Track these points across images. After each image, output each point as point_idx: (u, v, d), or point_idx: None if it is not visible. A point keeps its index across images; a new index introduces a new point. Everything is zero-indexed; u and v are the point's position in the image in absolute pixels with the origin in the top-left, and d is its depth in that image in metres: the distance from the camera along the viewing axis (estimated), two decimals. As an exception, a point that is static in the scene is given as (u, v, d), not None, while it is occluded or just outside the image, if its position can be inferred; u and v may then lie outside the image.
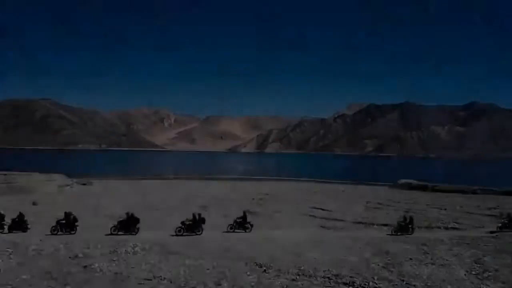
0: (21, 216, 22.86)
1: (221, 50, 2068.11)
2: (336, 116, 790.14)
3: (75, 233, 22.46)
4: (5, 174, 53.41)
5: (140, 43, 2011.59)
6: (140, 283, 13.79)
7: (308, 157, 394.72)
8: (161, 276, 14.36)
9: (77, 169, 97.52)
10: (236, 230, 24.87)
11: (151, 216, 29.43)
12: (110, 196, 47.38)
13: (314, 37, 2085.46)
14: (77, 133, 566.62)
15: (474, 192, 53.72)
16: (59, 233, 22.20)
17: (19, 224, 22.60)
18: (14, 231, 22.37)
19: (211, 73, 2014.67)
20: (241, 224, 25.18)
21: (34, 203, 33.41)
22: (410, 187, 67.08)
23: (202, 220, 23.73)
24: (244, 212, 26.12)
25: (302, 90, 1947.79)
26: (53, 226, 22.50)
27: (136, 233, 22.68)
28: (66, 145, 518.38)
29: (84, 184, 64.51)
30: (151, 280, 14.07)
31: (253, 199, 44.25)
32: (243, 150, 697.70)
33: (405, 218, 25.67)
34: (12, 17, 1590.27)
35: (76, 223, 22.83)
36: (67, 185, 58.56)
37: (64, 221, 22.50)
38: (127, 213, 23.41)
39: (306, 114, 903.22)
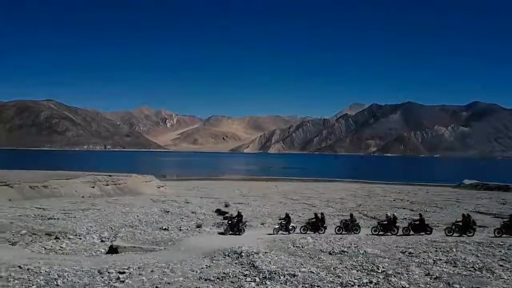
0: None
1: (222, 50, 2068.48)
2: (338, 116, 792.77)
3: (323, 232, 23.35)
4: (110, 175, 54.09)
5: (141, 43, 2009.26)
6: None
7: (321, 158, 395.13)
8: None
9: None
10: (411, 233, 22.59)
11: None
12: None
13: (315, 37, 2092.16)
14: (81, 134, 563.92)
15: None
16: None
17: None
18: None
19: (212, 73, 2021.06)
20: (420, 226, 23.22)
21: (225, 206, 33.65)
22: (487, 187, 68.07)
23: (395, 220, 23.41)
24: (421, 215, 24.11)
25: (304, 90, 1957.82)
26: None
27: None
28: (71, 146, 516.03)
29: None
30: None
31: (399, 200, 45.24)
32: (246, 150, 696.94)
33: None
34: (13, 17, 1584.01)
35: (324, 223, 23.69)
36: (162, 186, 59.48)
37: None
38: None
39: (308, 114, 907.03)
